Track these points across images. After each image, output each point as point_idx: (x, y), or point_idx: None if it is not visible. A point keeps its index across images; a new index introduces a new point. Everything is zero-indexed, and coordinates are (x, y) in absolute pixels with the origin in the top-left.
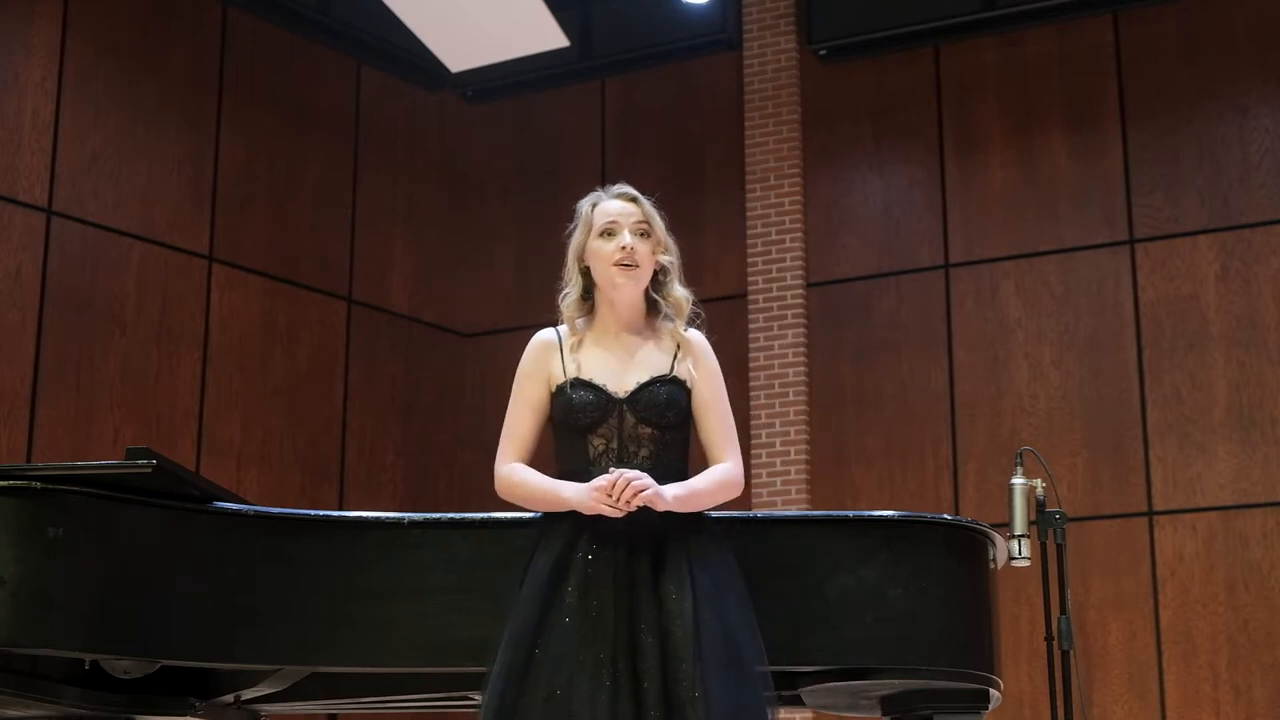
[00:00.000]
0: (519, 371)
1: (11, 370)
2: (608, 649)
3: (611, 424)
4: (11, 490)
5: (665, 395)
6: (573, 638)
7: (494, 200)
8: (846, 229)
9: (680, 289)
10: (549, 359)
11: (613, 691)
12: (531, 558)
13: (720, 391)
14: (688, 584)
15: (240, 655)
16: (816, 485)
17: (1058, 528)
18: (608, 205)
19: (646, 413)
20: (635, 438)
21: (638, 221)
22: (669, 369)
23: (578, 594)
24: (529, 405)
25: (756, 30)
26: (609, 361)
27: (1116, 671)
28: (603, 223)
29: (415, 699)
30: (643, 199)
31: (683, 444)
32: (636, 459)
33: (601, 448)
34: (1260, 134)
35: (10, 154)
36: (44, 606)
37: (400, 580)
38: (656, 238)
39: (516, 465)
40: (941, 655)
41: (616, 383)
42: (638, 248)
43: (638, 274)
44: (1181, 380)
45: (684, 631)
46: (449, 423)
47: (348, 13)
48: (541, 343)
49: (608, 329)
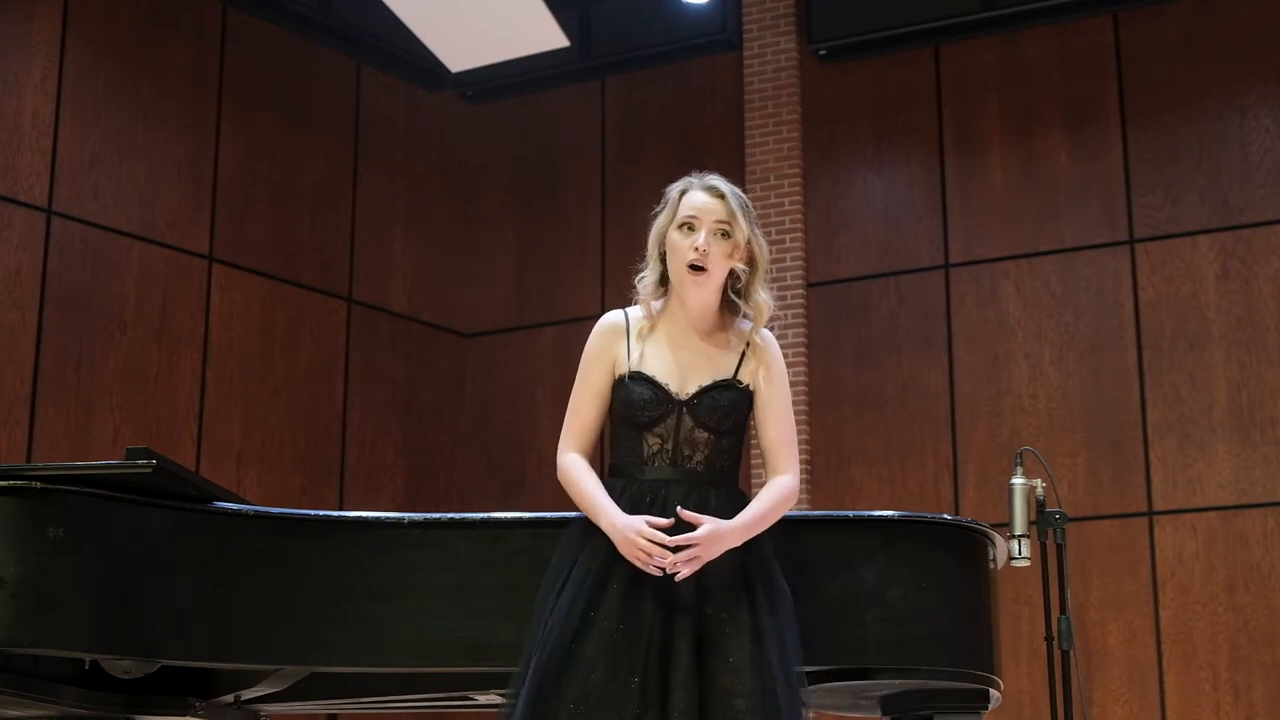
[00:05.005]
0: (585, 355)
1: (11, 370)
2: (640, 656)
3: (669, 424)
4: (11, 490)
5: (727, 402)
6: (608, 642)
7: (494, 200)
8: (846, 229)
9: (763, 294)
10: (615, 344)
11: (642, 700)
12: (577, 555)
13: (786, 399)
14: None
15: (240, 655)
16: (816, 485)
17: (1058, 528)
18: (693, 197)
19: (706, 417)
20: (691, 441)
21: (718, 220)
22: (733, 373)
23: (619, 598)
24: (594, 391)
25: (756, 30)
26: (673, 358)
27: (1116, 671)
28: (685, 214)
29: (415, 699)
30: (731, 195)
31: (737, 449)
32: (691, 463)
33: (656, 447)
34: (1260, 134)
35: (10, 154)
36: (44, 606)
37: (400, 580)
38: (736, 240)
39: (576, 459)
40: (941, 655)
41: (679, 383)
42: (712, 249)
43: (706, 278)
44: (1181, 380)
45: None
46: (449, 423)
47: (347, 12)
48: (610, 325)
49: (677, 322)
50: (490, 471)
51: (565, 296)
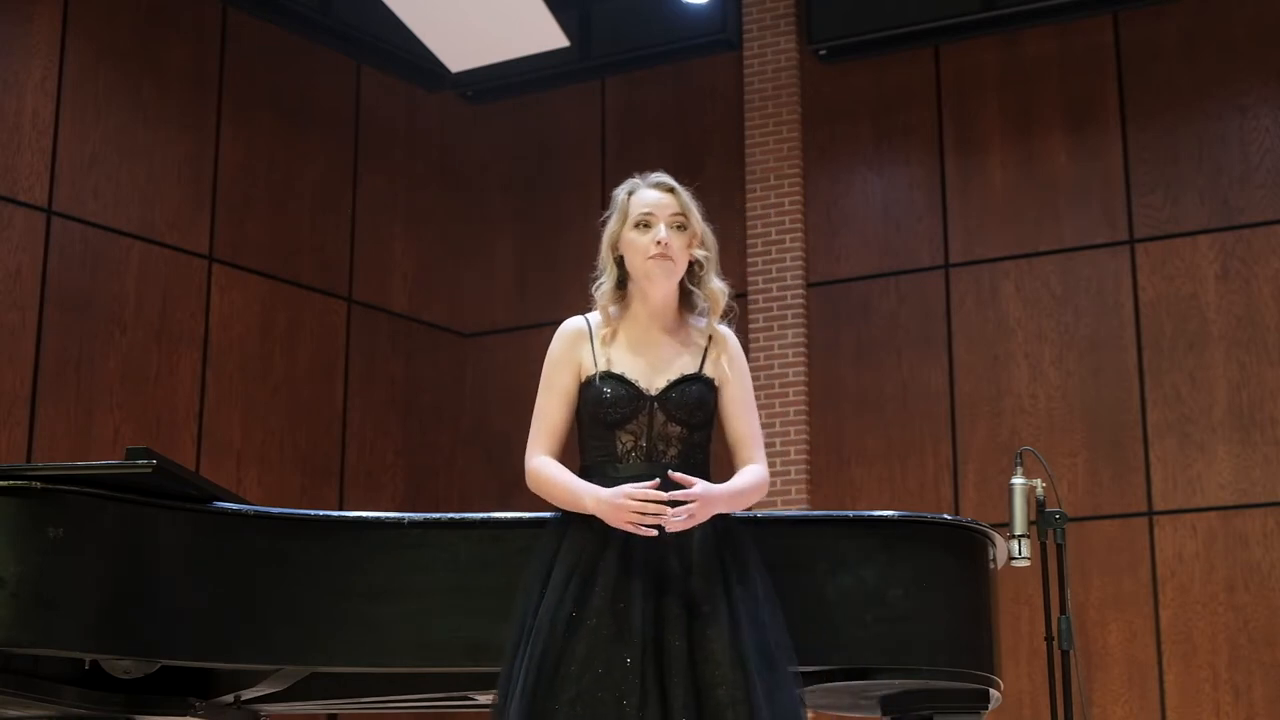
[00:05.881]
0: (548, 359)
1: (11, 370)
2: (635, 652)
3: (641, 421)
4: (11, 490)
5: (696, 394)
6: (599, 640)
7: (494, 200)
8: (846, 229)
9: (717, 282)
10: (579, 347)
11: (640, 695)
12: (553, 557)
13: (749, 390)
14: (720, 588)
15: (240, 655)
16: (816, 485)
17: (1058, 528)
18: (644, 195)
19: (678, 411)
20: (664, 436)
21: (674, 214)
22: (699, 366)
23: (606, 595)
24: (559, 394)
25: (756, 30)
26: (640, 356)
27: (1116, 671)
28: (638, 213)
29: (415, 699)
30: (680, 189)
31: (708, 444)
32: (665, 458)
33: (629, 445)
34: (1260, 134)
35: (10, 154)
36: (44, 606)
37: (400, 580)
38: (693, 230)
39: (546, 460)
40: (941, 655)
41: (648, 379)
42: (673, 241)
43: (672, 268)
44: (1181, 380)
45: (720, 638)
46: (449, 423)
47: (347, 12)
48: (572, 330)
49: (639, 321)
50: (490, 471)
51: (565, 296)
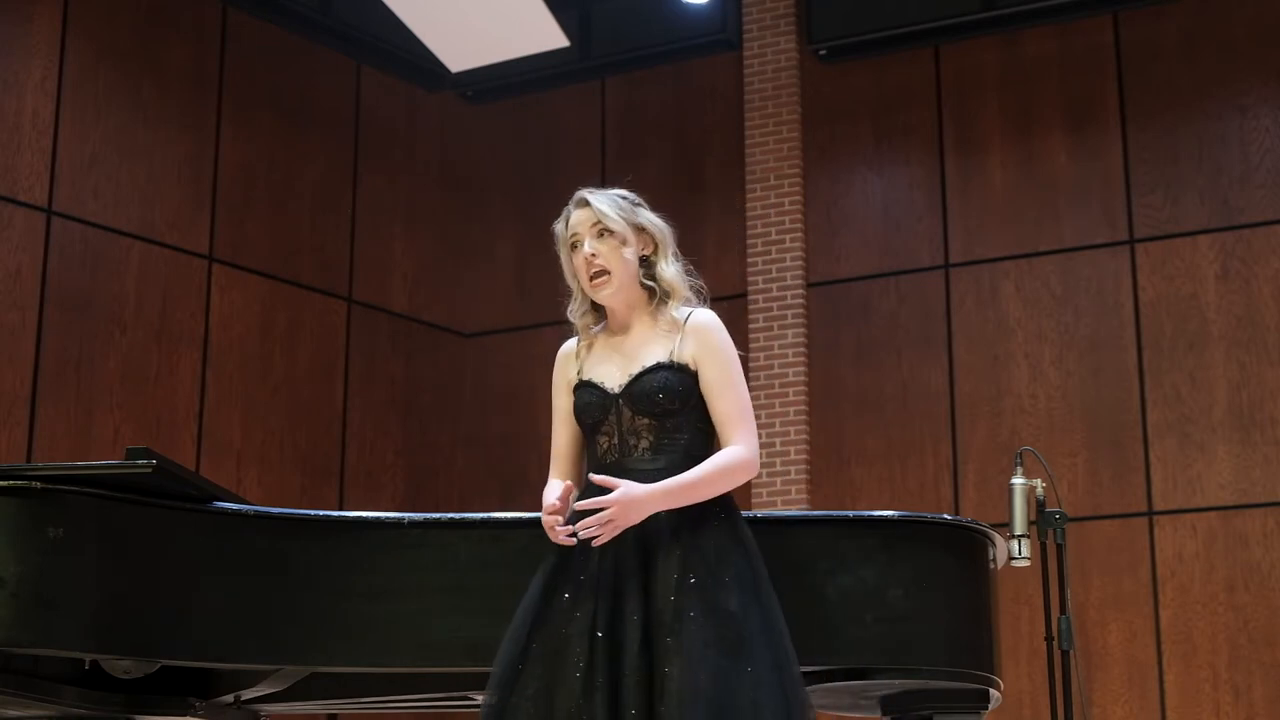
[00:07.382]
0: (553, 385)
1: (11, 370)
2: (585, 645)
3: (612, 420)
4: (11, 490)
5: (658, 382)
6: (558, 635)
7: (494, 200)
8: (846, 229)
9: (668, 268)
10: (568, 367)
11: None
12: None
13: (727, 370)
14: (674, 573)
15: (240, 655)
16: (816, 485)
17: (1058, 528)
18: (570, 217)
19: (639, 403)
20: (634, 430)
21: (593, 224)
22: (668, 356)
23: (570, 592)
24: (562, 418)
25: (756, 30)
26: (612, 359)
27: (1116, 671)
28: (569, 238)
29: (415, 699)
30: (593, 197)
31: (688, 428)
32: (637, 451)
33: (606, 445)
34: (1260, 134)
35: (10, 154)
36: (44, 606)
37: (400, 580)
38: (620, 232)
39: (549, 484)
40: (941, 655)
41: (615, 378)
42: (599, 252)
43: (611, 279)
44: (1181, 380)
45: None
46: (449, 423)
47: (347, 12)
48: (562, 354)
49: (614, 330)
50: (490, 471)
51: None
